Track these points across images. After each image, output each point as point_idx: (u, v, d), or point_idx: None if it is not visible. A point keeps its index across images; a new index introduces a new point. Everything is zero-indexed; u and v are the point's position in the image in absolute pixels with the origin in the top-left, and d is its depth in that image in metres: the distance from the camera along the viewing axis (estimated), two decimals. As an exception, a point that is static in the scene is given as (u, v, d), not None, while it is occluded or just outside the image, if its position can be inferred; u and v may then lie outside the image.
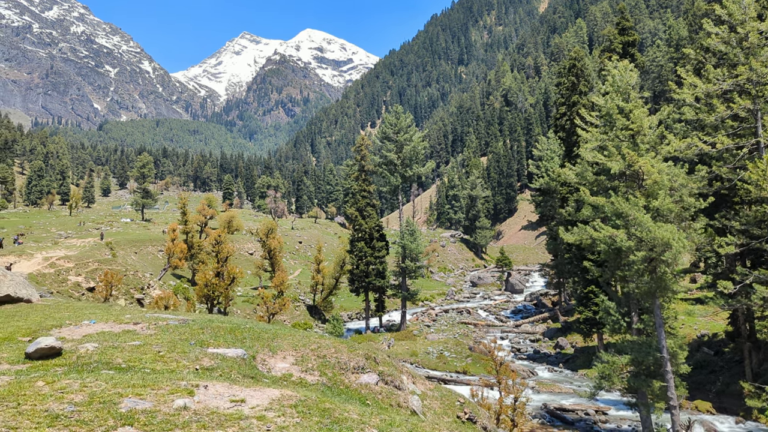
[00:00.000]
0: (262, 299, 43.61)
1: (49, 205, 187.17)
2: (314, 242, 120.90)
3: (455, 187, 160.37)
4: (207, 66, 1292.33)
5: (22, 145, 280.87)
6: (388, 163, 73.34)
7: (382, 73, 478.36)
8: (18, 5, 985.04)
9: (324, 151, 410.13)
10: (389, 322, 72.36)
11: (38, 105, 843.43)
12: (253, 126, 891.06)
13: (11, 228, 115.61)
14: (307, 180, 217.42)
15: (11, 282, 11.35)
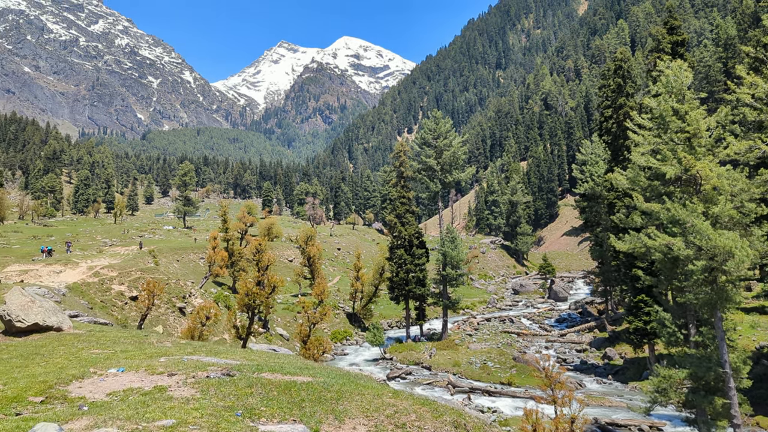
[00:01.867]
0: (303, 308, 43.03)
1: (95, 213, 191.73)
2: (353, 249, 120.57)
3: (495, 192, 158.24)
4: (246, 75, 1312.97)
5: (70, 155, 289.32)
6: (427, 169, 72.36)
7: (418, 79, 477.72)
8: (65, 20, 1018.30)
9: (361, 157, 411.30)
10: (430, 330, 71.21)
11: (85, 116, 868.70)
12: (291, 133, 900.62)
13: (59, 236, 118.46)
14: (345, 186, 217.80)
15: (40, 309, 10.36)
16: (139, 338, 11.21)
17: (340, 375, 10.97)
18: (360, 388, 10.23)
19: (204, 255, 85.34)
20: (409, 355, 59.01)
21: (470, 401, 42.80)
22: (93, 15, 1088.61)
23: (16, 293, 10.22)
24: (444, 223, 73.11)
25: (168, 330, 44.27)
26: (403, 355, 59.18)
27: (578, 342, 62.42)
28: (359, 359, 60.28)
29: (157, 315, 44.29)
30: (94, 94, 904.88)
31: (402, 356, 58.94)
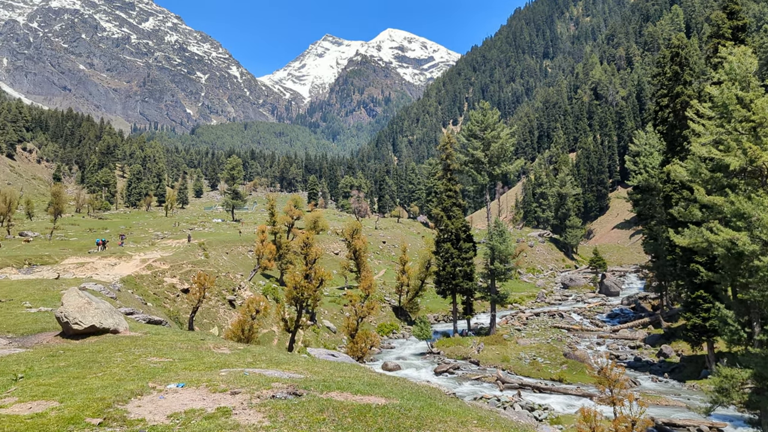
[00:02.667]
0: (350, 301, 43.01)
1: (147, 207, 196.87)
2: (398, 242, 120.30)
3: (543, 184, 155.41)
4: (291, 69, 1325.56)
5: (123, 149, 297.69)
6: (474, 162, 71.53)
7: (463, 70, 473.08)
8: (117, 18, 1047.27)
9: (405, 150, 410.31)
10: (477, 325, 70.42)
11: (136, 111, 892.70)
12: (336, 127, 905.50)
13: (114, 228, 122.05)
14: (389, 179, 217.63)
15: (96, 310, 10.11)
16: (196, 343, 10.55)
17: (414, 394, 9.80)
18: (441, 413, 8.82)
19: (252, 247, 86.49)
20: (456, 349, 58.45)
21: (520, 398, 42.04)
22: (143, 13, 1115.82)
23: (72, 294, 10.15)
24: (492, 216, 72.07)
25: (218, 322, 44.86)
26: (450, 349, 58.66)
27: (631, 338, 60.69)
28: (406, 353, 60.03)
29: (207, 307, 44.93)
30: (145, 90, 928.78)
31: (449, 351, 58.43)
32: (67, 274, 41.90)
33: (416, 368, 53.55)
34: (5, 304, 14.42)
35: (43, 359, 9.31)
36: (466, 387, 46.74)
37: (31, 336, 10.76)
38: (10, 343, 9.73)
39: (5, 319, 12.50)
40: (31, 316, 12.70)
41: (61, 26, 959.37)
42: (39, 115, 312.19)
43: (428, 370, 52.56)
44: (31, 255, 58.67)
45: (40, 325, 11.91)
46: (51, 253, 62.52)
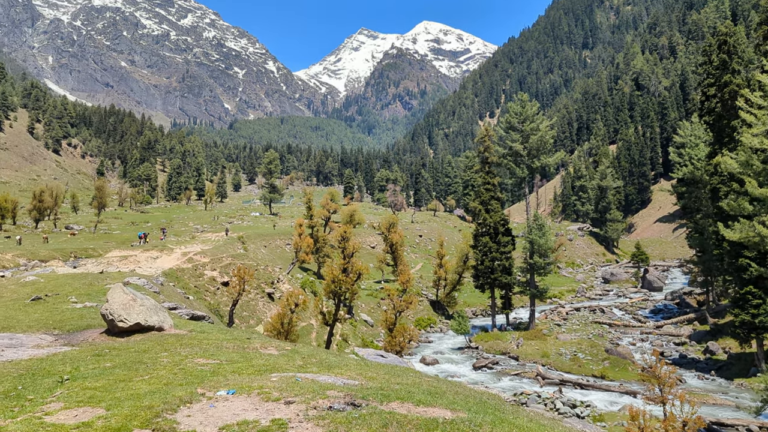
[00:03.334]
0: (388, 295, 42.80)
1: (187, 200, 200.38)
2: (434, 236, 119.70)
3: (582, 177, 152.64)
4: (327, 63, 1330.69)
5: (163, 144, 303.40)
6: (513, 154, 70.31)
7: (500, 62, 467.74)
8: (157, 15, 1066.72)
9: (441, 143, 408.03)
10: (516, 319, 69.57)
11: (176, 107, 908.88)
12: (372, 120, 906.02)
13: (155, 222, 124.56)
14: (425, 173, 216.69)
15: (141, 308, 9.90)
16: (242, 342, 10.06)
17: (479, 405, 8.94)
18: (515, 430, 8.30)
19: (289, 241, 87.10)
20: (495, 344, 57.80)
21: (561, 394, 41.28)
22: (182, 9, 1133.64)
23: (117, 291, 10.05)
24: (531, 209, 70.94)
25: (258, 315, 45.17)
26: (489, 344, 58.04)
27: (676, 335, 59.10)
28: (444, 347, 59.65)
29: (247, 300, 45.29)
30: (184, 85, 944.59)
31: (488, 345, 57.82)
32: (110, 267, 42.71)
33: (454, 363, 53.16)
34: (51, 299, 14.52)
35: (88, 359, 8.98)
36: (505, 382, 46.20)
37: (77, 333, 10.68)
38: (56, 340, 9.67)
39: (51, 314, 12.53)
40: (76, 312, 12.72)
41: (103, 24, 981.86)
42: (83, 112, 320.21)
43: (467, 365, 52.11)
44: (77, 248, 60.15)
45: (86, 321, 11.87)
46: (95, 246, 64.01)
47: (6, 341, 8.73)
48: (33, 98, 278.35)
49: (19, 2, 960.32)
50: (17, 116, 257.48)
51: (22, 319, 11.96)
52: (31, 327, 10.84)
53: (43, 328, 10.71)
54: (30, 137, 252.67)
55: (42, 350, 8.62)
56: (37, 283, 17.61)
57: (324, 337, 48.36)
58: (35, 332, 10.20)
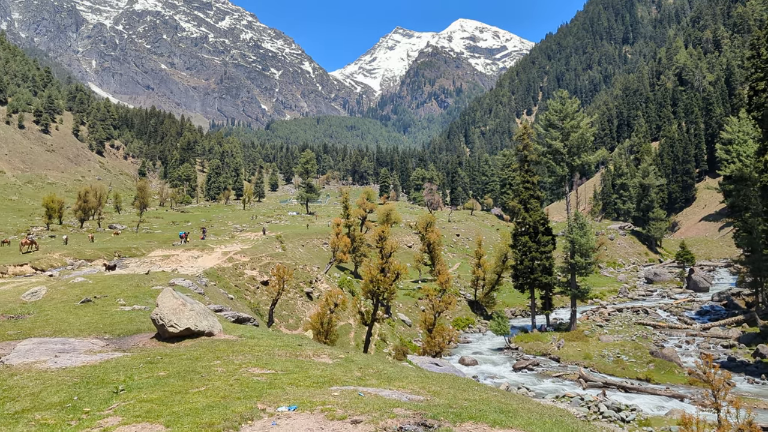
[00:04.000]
0: (426, 296, 42.46)
1: (226, 200, 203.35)
2: (471, 235, 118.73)
3: (623, 175, 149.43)
4: (362, 63, 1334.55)
5: (202, 145, 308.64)
6: (553, 152, 69.14)
7: (538, 59, 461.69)
8: (196, 18, 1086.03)
9: (478, 141, 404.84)
10: (556, 320, 68.44)
11: (214, 108, 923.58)
12: (407, 119, 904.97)
13: (195, 221, 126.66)
14: (462, 171, 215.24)
15: (191, 312, 9.72)
16: (294, 349, 9.62)
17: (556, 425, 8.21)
18: None
19: (326, 240, 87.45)
20: (535, 345, 56.93)
21: (605, 397, 40.35)
22: (220, 12, 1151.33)
23: (167, 295, 9.98)
24: (571, 208, 69.71)
25: (297, 314, 45.34)
26: (529, 345, 57.20)
27: (724, 337, 57.22)
28: (483, 347, 59.06)
29: (286, 299, 45.50)
30: (222, 87, 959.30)
31: (528, 346, 56.99)
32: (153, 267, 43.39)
33: (494, 364, 52.55)
34: (101, 302, 14.61)
35: (141, 366, 8.78)
36: (546, 384, 45.45)
37: (128, 337, 10.60)
38: (107, 345, 9.61)
39: (102, 318, 12.55)
40: (126, 315, 12.74)
41: (144, 28, 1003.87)
42: (125, 114, 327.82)
43: (506, 366, 51.45)
44: (120, 247, 61.36)
45: (135, 325, 11.83)
46: (138, 245, 65.20)
47: (59, 346, 8.71)
48: (78, 101, 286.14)
49: (64, 8, 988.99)
50: (63, 119, 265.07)
51: (73, 322, 12.01)
52: (83, 331, 10.83)
53: (94, 332, 10.69)
54: (75, 139, 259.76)
55: (94, 356, 8.52)
56: (85, 285, 17.81)
57: (362, 336, 48.30)
58: (87, 336, 10.18)
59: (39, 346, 8.60)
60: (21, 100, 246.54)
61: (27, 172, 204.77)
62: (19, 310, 13.62)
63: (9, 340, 10.28)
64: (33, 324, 11.83)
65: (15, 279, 34.09)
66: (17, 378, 8.21)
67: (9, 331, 11.03)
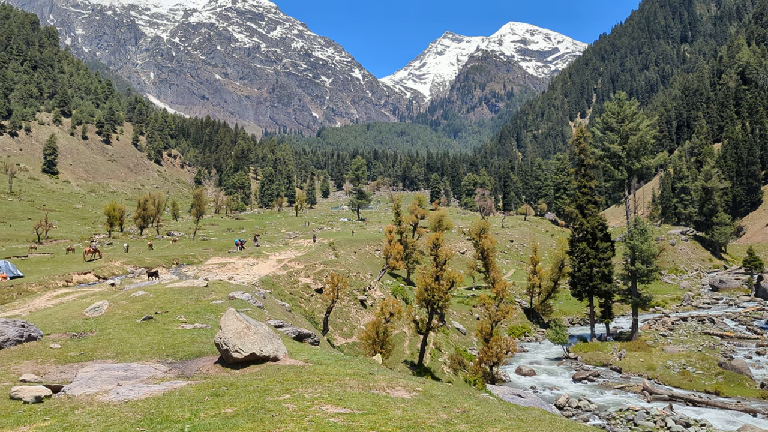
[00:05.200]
0: (483, 304, 41.57)
1: (279, 207, 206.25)
2: (526, 241, 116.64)
3: (683, 178, 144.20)
4: (411, 68, 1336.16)
5: (255, 153, 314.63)
6: (611, 156, 67.08)
7: (591, 60, 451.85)
8: (248, 28, 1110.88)
9: (530, 145, 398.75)
10: (616, 329, 66.21)
11: (267, 116, 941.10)
12: (457, 124, 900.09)
13: (249, 228, 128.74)
14: (514, 176, 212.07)
15: (255, 336, 9.28)
16: (365, 379, 8.64)
17: None
18: None
19: (378, 246, 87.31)
20: (595, 355, 55.09)
21: (672, 411, 38.57)
22: (272, 22, 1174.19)
23: (230, 317, 9.63)
24: (631, 213, 67.41)
25: (351, 322, 45.12)
26: (588, 355, 55.39)
27: (799, 349, 54.10)
28: (540, 357, 57.57)
29: (340, 307, 45.36)
30: (274, 95, 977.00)
31: (587, 356, 55.20)
32: (210, 274, 44.00)
33: (552, 374, 51.12)
34: (162, 318, 14.49)
35: (206, 399, 7.84)
36: (608, 396, 43.84)
37: (190, 361, 10.23)
38: (170, 370, 9.32)
39: (163, 337, 12.31)
40: (187, 335, 12.51)
41: (198, 40, 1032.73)
42: (181, 124, 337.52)
43: (565, 377, 49.95)
44: (178, 255, 62.66)
45: (197, 346, 11.47)
46: (195, 252, 66.53)
47: (121, 373, 8.50)
48: (137, 112, 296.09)
49: (124, 23, 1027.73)
50: (123, 129, 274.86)
51: (135, 342, 11.85)
52: (145, 353, 10.59)
53: (156, 355, 10.45)
54: (134, 149, 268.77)
55: (158, 386, 8.12)
56: (146, 299, 17.87)
57: (417, 345, 47.72)
58: (149, 360, 9.93)
59: (101, 373, 8.40)
60: (84, 112, 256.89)
61: (90, 182, 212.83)
62: (82, 327, 13.63)
63: (72, 363, 10.15)
64: (95, 344, 11.72)
65: (79, 288, 35.07)
66: (79, 413, 7.84)
67: (72, 352, 10.93)
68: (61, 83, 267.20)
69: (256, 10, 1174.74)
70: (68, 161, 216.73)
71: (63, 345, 11.52)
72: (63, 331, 13.17)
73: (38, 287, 35.62)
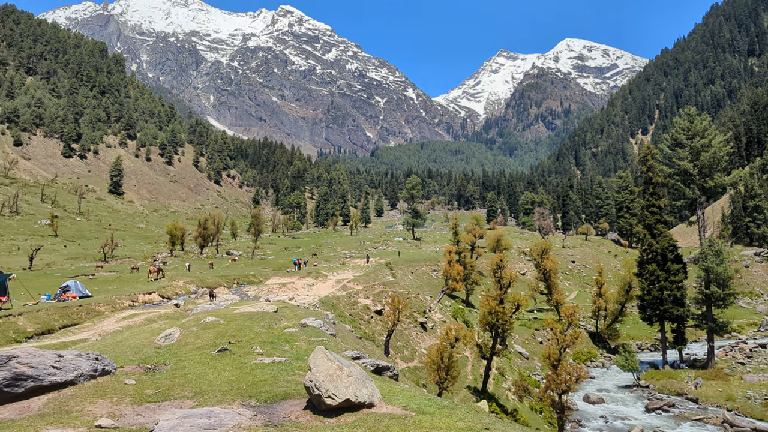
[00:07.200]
0: (551, 329, 39.79)
1: (334, 226, 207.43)
2: (588, 262, 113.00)
3: (756, 196, 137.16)
4: (465, 87, 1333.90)
5: (311, 173, 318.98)
6: (681, 173, 64.16)
7: (653, 75, 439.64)
8: (304, 51, 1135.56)
9: (589, 163, 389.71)
10: (689, 355, 62.71)
11: (322, 137, 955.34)
12: (513, 142, 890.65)
13: (305, 247, 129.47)
14: (573, 194, 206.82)
15: (349, 379, 8.23)
16: None
17: None
18: None
19: (435, 267, 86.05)
20: (668, 383, 52.14)
21: (758, 448, 35.79)
22: (327, 45, 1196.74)
23: (320, 357, 8.65)
24: (704, 233, 64.07)
25: (411, 345, 44.04)
26: (661, 383, 52.48)
27: None
28: (608, 384, 54.93)
29: (400, 330, 44.39)
30: (329, 116, 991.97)
31: (660, 384, 52.30)
32: (271, 295, 43.85)
33: (623, 403, 48.59)
34: (236, 350, 13.71)
35: None
36: (685, 428, 41.20)
37: (276, 404, 9.28)
38: (255, 416, 8.38)
39: (242, 373, 11.45)
40: (267, 372, 11.65)
41: (256, 63, 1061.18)
42: (240, 145, 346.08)
43: (637, 406, 47.39)
44: (239, 274, 63.08)
45: (281, 386, 10.51)
46: (255, 272, 66.90)
47: (204, 420, 7.73)
48: (197, 134, 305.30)
49: (186, 48, 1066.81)
50: (184, 151, 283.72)
51: (212, 379, 11.08)
52: (225, 394, 9.76)
53: (238, 397, 9.60)
54: (195, 170, 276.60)
55: None
56: (217, 326, 17.32)
57: (479, 370, 46.17)
58: (231, 403, 9.06)
59: (183, 422, 7.67)
60: (148, 135, 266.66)
61: (153, 202, 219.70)
62: (155, 359, 13.06)
63: (148, 403, 9.45)
64: (171, 380, 11.05)
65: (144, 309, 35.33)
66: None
67: (147, 390, 10.30)
68: (127, 107, 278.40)
69: (312, 33, 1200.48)
70: (133, 182, 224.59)
71: (137, 380, 10.88)
72: (136, 362, 12.57)
73: (106, 307, 36.12)
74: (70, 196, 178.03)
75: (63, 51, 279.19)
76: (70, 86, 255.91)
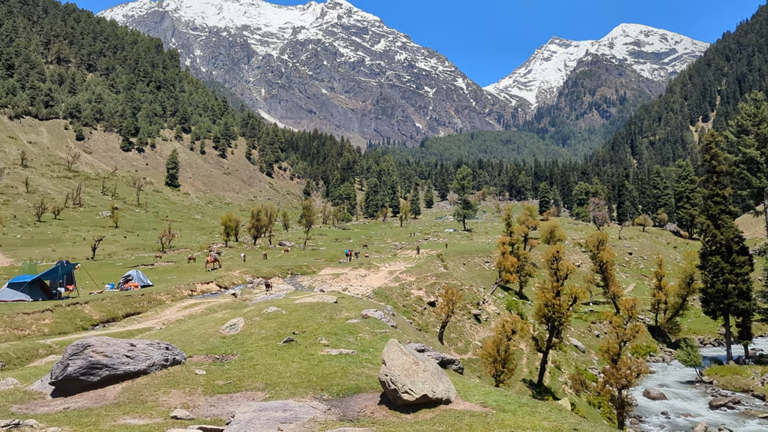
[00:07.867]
0: (610, 322, 38.77)
1: (383, 217, 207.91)
2: (645, 253, 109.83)
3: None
4: (516, 76, 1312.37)
5: (360, 165, 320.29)
6: (747, 162, 61.34)
7: (714, 60, 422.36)
8: (353, 43, 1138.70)
9: (646, 152, 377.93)
10: (755, 351, 60.19)
11: (371, 128, 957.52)
12: (566, 131, 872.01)
13: (356, 238, 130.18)
14: (629, 184, 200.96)
15: (425, 374, 7.84)
16: None
17: None
18: None
19: (487, 258, 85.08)
20: (733, 379, 50.17)
21: (834, 450, 34.02)
22: (376, 36, 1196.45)
23: (394, 350, 8.42)
24: (772, 224, 61.11)
25: (465, 337, 43.66)
26: (725, 379, 50.55)
27: None
28: (669, 380, 53.25)
29: (453, 321, 44.03)
30: (378, 108, 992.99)
31: (724, 381, 50.39)
32: (325, 285, 44.14)
33: (685, 399, 47.02)
34: (302, 340, 13.66)
35: None
36: (752, 426, 39.57)
37: (349, 398, 9.10)
38: (329, 410, 8.25)
39: (310, 365, 11.28)
40: (336, 363, 11.51)
41: (306, 56, 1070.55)
42: (290, 137, 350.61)
43: (700, 403, 45.76)
44: (292, 265, 63.79)
45: (351, 379, 10.33)
46: (308, 263, 67.53)
47: (280, 414, 7.67)
48: (249, 127, 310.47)
49: (238, 42, 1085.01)
50: (237, 144, 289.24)
51: (282, 371, 11.03)
52: (297, 386, 9.67)
53: (310, 390, 9.49)
54: (248, 162, 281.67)
55: None
56: (279, 316, 17.41)
57: (534, 363, 45.44)
58: (304, 396, 8.97)
59: (259, 415, 7.63)
60: (202, 128, 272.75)
61: (207, 194, 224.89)
62: (222, 349, 13.16)
63: (220, 394, 9.46)
64: (240, 371, 11.07)
65: (203, 299, 36.07)
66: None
67: (218, 381, 10.33)
68: (181, 101, 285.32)
69: (361, 25, 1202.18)
70: (188, 174, 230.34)
71: (207, 371, 10.95)
72: (204, 352, 12.69)
73: (166, 296, 37.09)
74: (129, 189, 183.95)
75: (121, 48, 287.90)
76: (128, 82, 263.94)
